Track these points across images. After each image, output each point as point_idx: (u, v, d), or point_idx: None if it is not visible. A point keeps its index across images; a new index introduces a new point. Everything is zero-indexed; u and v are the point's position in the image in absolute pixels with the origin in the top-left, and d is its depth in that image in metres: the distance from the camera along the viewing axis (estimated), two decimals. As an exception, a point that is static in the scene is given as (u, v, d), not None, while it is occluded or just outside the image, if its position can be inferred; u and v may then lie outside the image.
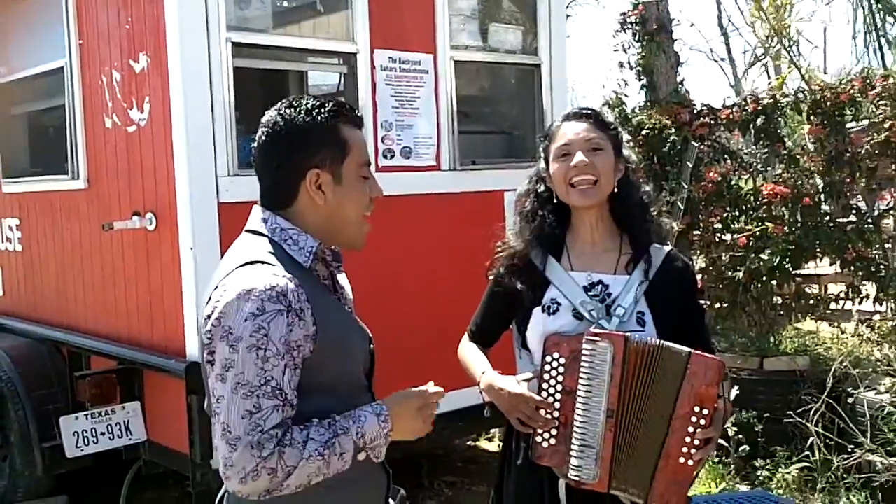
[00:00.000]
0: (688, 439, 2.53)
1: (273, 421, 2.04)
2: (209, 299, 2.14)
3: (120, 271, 5.22)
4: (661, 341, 2.57)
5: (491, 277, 2.94)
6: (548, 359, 2.64)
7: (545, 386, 2.64)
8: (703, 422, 2.53)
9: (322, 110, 2.24)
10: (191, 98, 4.60)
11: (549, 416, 2.62)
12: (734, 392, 5.78)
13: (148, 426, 5.04)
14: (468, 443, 7.18)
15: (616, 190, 2.78)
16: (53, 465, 5.27)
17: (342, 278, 2.44)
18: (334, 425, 2.12)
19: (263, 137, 2.26)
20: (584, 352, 2.57)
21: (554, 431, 2.64)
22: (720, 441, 5.22)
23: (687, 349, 2.55)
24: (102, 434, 4.92)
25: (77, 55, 5.41)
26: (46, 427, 5.23)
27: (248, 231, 2.29)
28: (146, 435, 5.03)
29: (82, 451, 4.90)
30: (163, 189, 4.79)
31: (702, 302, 6.73)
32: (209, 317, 2.10)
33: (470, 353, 2.96)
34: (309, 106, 2.25)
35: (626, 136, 2.92)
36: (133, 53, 4.91)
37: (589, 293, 2.73)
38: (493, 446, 7.09)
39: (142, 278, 5.05)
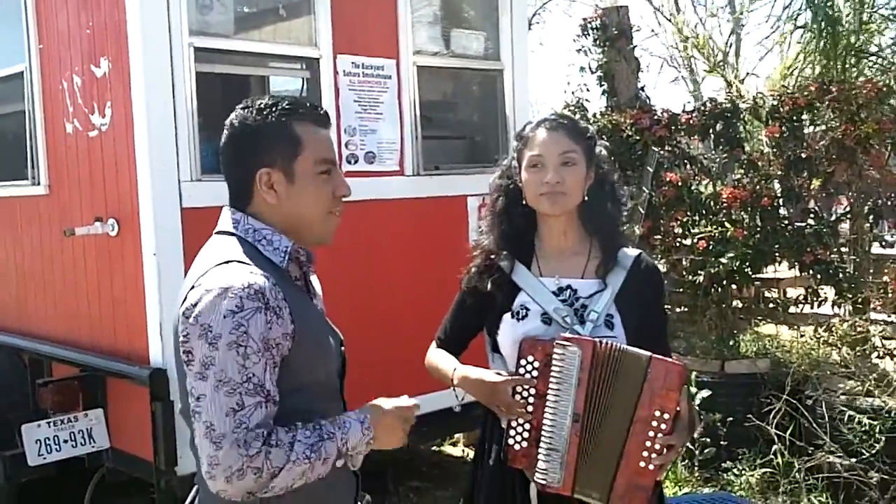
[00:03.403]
0: (648, 443, 2.55)
1: (257, 418, 2.03)
2: (184, 298, 2.13)
3: (82, 277, 5.18)
4: (622, 345, 2.59)
5: (463, 285, 2.94)
6: (522, 362, 2.66)
7: (519, 389, 2.66)
8: (663, 426, 2.54)
9: (274, 109, 2.24)
10: (153, 103, 4.58)
11: (523, 409, 2.64)
12: (703, 394, 5.85)
13: (111, 433, 4.99)
14: (433, 448, 7.19)
15: (586, 198, 2.80)
16: (15, 473, 5.19)
17: (314, 280, 2.45)
18: (319, 429, 2.12)
19: (223, 140, 2.29)
20: (554, 356, 2.59)
21: (525, 434, 2.66)
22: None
23: (647, 353, 2.57)
24: (65, 442, 4.87)
25: (37, 59, 5.37)
26: (8, 435, 5.17)
27: (219, 232, 2.28)
28: (109, 442, 4.99)
29: (45, 459, 4.85)
30: (125, 194, 4.76)
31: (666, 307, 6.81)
32: (185, 315, 2.09)
33: (438, 357, 2.96)
34: (261, 105, 2.25)
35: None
36: (94, 58, 4.88)
37: (558, 298, 2.75)
38: (458, 451, 7.11)
39: (104, 284, 5.02)
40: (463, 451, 7.07)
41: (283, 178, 2.23)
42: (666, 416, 2.54)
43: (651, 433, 2.55)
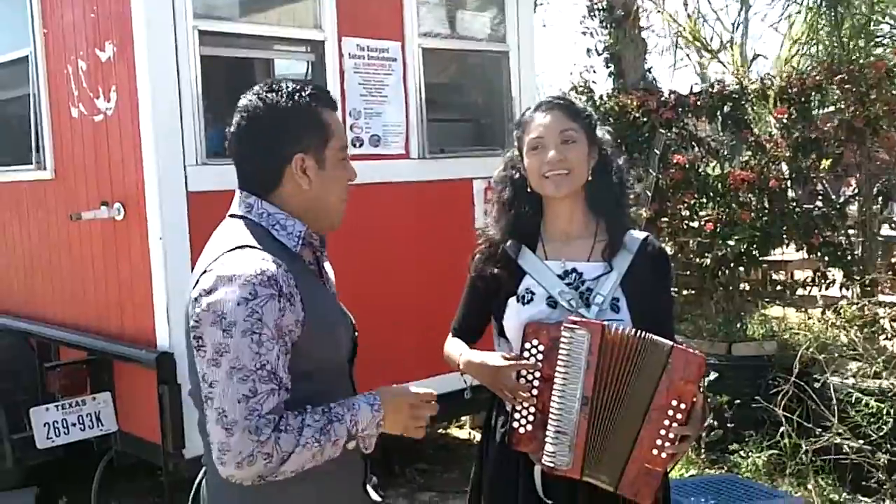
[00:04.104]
0: (662, 432, 2.54)
1: (269, 405, 2.04)
2: (196, 283, 2.13)
3: (88, 261, 5.19)
4: (644, 332, 2.57)
5: (470, 272, 2.94)
6: (527, 346, 2.65)
7: (524, 372, 2.65)
8: (679, 416, 2.53)
9: (303, 94, 2.24)
10: (158, 87, 4.57)
11: (528, 393, 2.63)
12: (711, 376, 5.85)
13: (119, 416, 5.02)
14: (440, 430, 7.20)
15: (590, 178, 2.79)
16: (24, 456, 5.25)
17: (327, 265, 2.44)
18: (328, 412, 2.12)
19: (244, 122, 2.25)
20: (562, 339, 2.57)
21: (531, 418, 2.65)
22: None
23: (669, 342, 2.56)
24: (73, 425, 4.90)
25: (42, 44, 5.37)
26: (16, 418, 5.21)
27: (232, 216, 2.28)
28: (117, 425, 5.01)
29: (53, 442, 4.88)
30: (130, 179, 4.77)
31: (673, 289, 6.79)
32: (197, 300, 2.09)
33: (451, 345, 2.96)
34: (290, 90, 2.23)
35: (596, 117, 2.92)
36: (99, 42, 4.87)
37: (563, 281, 2.74)
38: (465, 434, 7.13)
39: (111, 268, 5.02)
40: (469, 433, 7.08)
41: (315, 164, 2.24)
42: (683, 406, 2.53)
43: (667, 422, 2.53)
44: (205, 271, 2.12)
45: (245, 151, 2.28)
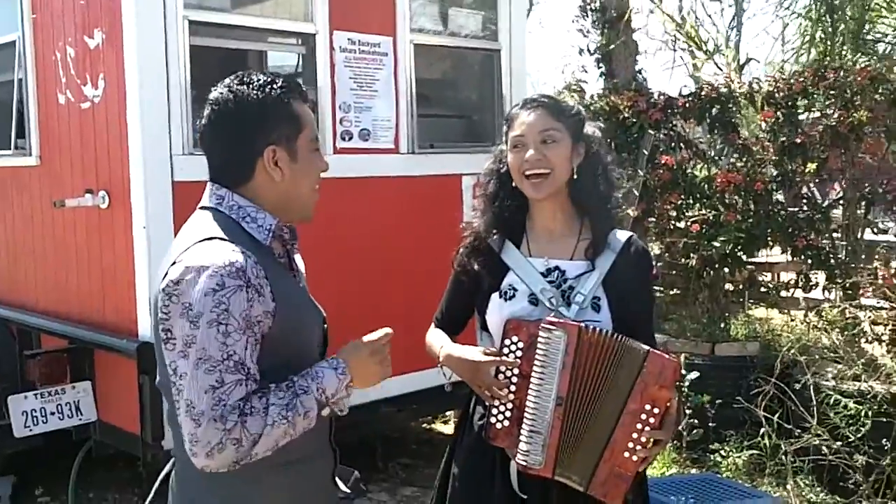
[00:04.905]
0: (635, 435, 2.56)
1: (237, 395, 2.04)
2: (165, 274, 2.12)
3: (72, 249, 5.17)
4: (620, 335, 2.58)
5: (455, 265, 2.94)
6: (507, 342, 2.66)
7: (503, 368, 2.66)
8: (652, 420, 2.55)
9: (274, 86, 2.24)
10: (146, 76, 4.56)
11: (505, 390, 2.64)
12: (692, 375, 5.88)
13: (99, 406, 5.00)
14: (423, 425, 7.21)
15: (575, 176, 2.78)
16: (1, 444, 5.20)
17: (297, 257, 2.44)
18: (293, 386, 2.12)
19: (215, 115, 2.25)
20: (539, 338, 2.59)
21: (508, 413, 2.66)
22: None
23: (645, 347, 2.57)
24: (52, 414, 4.87)
25: (30, 29, 5.34)
26: (-6, 406, 5.18)
27: (202, 208, 2.27)
28: (97, 415, 4.99)
29: (31, 430, 4.85)
30: (116, 167, 4.75)
31: (656, 289, 6.80)
32: (166, 291, 2.09)
33: (433, 336, 2.97)
34: (261, 82, 2.24)
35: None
36: (88, 29, 4.85)
37: (546, 279, 2.74)
38: (449, 428, 7.12)
39: (94, 257, 5.00)
40: (454, 428, 7.07)
41: (287, 155, 2.24)
42: (656, 410, 2.55)
43: (639, 426, 2.55)
44: (174, 262, 2.12)
45: (216, 144, 2.28)
